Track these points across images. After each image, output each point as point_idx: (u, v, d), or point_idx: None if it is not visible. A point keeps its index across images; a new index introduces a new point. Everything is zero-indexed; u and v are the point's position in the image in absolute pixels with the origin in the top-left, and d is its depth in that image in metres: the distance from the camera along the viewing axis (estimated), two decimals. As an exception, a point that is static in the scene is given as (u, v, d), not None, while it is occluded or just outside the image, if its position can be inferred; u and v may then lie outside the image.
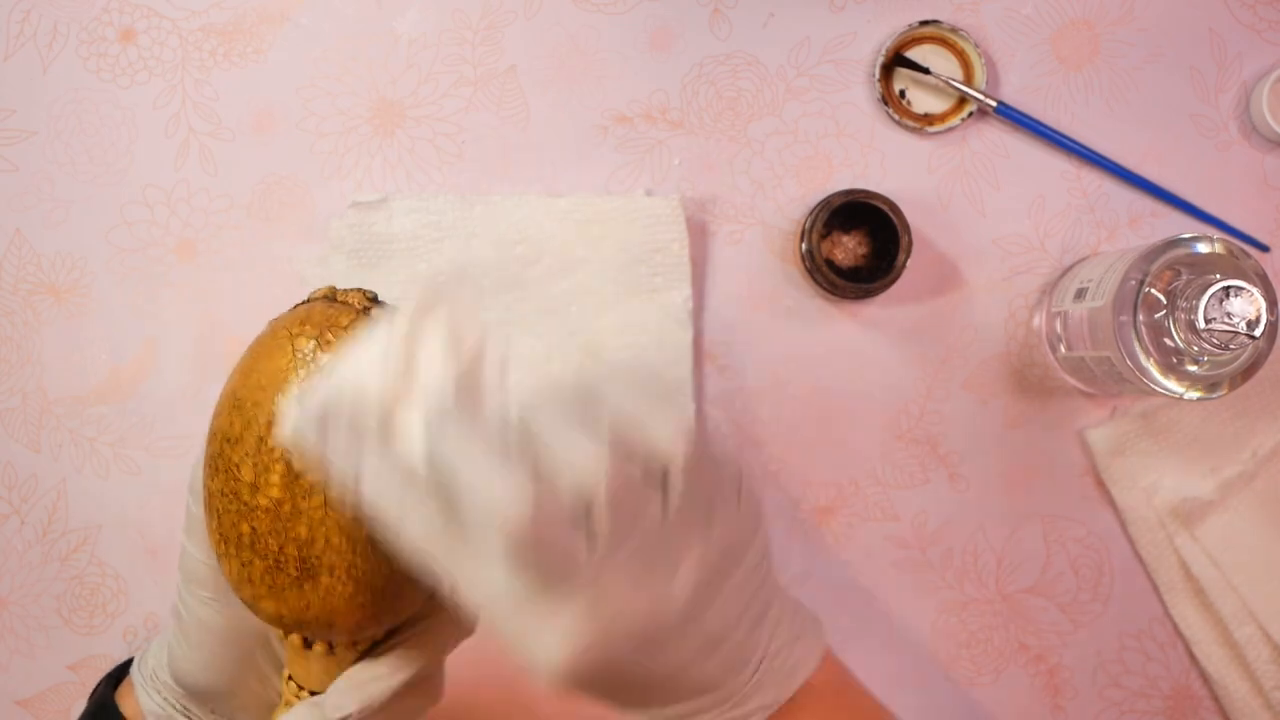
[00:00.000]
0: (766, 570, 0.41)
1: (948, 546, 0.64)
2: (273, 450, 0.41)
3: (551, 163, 0.64)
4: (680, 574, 0.37)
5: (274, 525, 0.41)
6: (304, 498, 0.41)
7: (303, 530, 0.41)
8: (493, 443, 0.34)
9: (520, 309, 0.63)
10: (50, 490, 0.63)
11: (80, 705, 0.62)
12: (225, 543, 0.42)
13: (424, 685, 0.45)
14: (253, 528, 0.41)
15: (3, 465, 0.63)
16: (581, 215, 0.63)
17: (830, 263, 0.62)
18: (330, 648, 0.44)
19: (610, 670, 0.37)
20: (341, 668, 0.44)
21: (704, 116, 0.64)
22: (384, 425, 0.35)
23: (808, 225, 0.62)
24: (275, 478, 0.41)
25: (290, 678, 0.45)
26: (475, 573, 0.34)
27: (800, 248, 0.62)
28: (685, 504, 0.36)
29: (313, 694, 0.45)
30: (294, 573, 0.41)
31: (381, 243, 0.63)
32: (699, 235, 0.64)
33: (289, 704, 0.45)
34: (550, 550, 0.34)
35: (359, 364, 0.36)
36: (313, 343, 0.42)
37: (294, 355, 0.42)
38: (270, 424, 0.41)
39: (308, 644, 0.44)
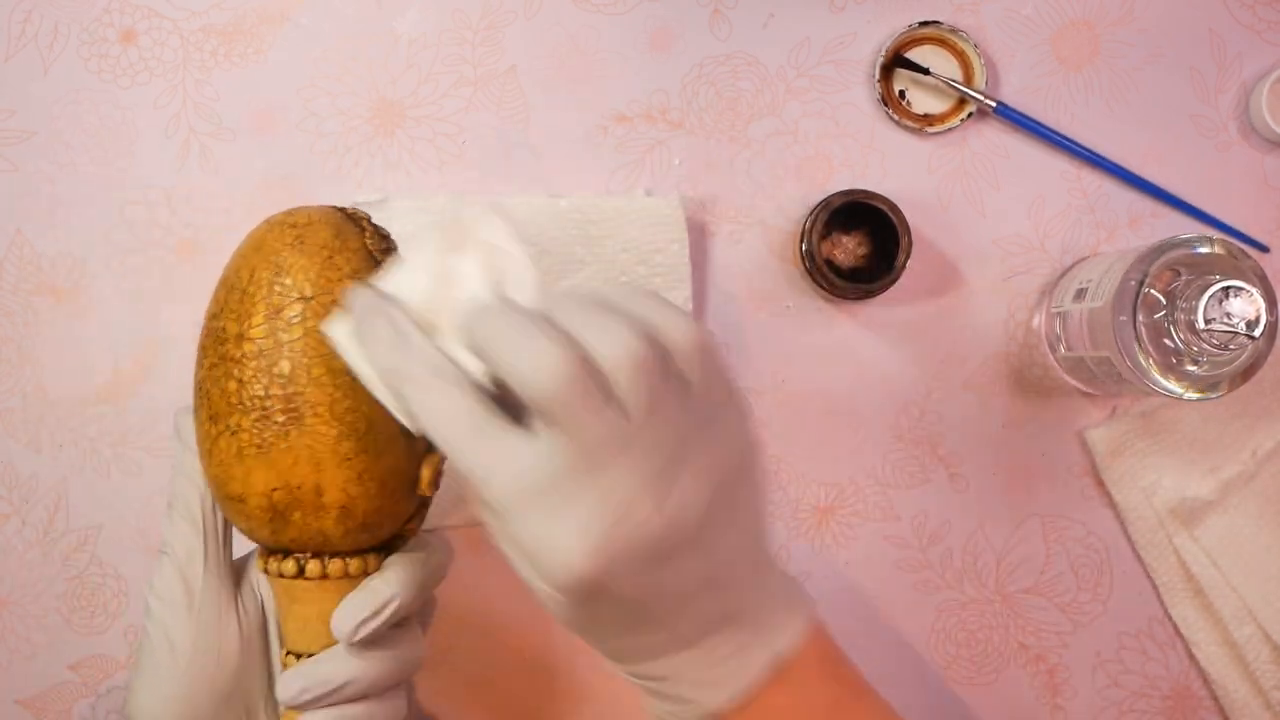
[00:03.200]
0: (764, 512, 0.41)
1: (948, 546, 0.64)
2: (253, 296, 0.43)
3: (551, 163, 0.64)
4: (683, 481, 0.36)
5: (258, 368, 0.42)
6: (284, 331, 0.42)
7: (285, 365, 0.42)
8: (527, 325, 0.35)
9: (520, 309, 0.63)
10: (50, 490, 0.63)
11: (80, 705, 0.62)
12: (214, 421, 0.43)
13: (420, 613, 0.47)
14: (239, 381, 0.43)
15: (3, 465, 0.63)
16: (581, 215, 0.63)
17: (830, 263, 0.62)
18: (323, 566, 0.44)
19: (618, 581, 0.35)
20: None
21: (704, 116, 0.64)
22: (424, 323, 0.38)
23: (808, 225, 0.62)
24: (258, 319, 0.43)
25: (289, 652, 0.45)
26: (498, 455, 0.35)
27: (800, 248, 0.62)
28: (697, 403, 0.37)
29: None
30: (280, 419, 0.42)
31: (381, 243, 0.63)
32: (699, 235, 0.64)
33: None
34: (582, 416, 0.34)
35: (401, 277, 0.40)
36: (296, 231, 0.45)
37: (278, 231, 0.45)
38: (252, 279, 0.44)
39: (300, 570, 0.44)
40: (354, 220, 0.47)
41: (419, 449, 0.45)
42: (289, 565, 0.45)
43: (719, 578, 0.38)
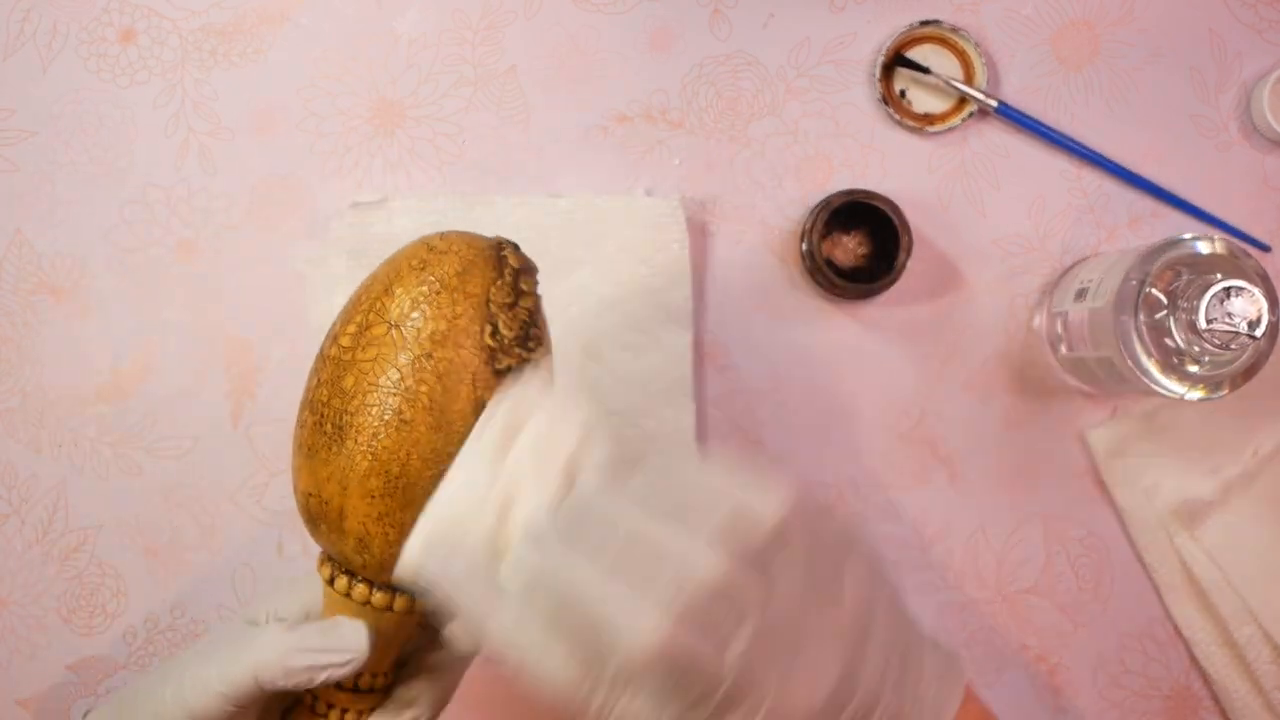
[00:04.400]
0: (902, 617, 0.39)
1: (948, 546, 0.64)
2: (358, 303, 0.43)
3: (551, 163, 0.64)
4: (825, 650, 0.35)
5: (332, 374, 0.42)
6: (362, 348, 0.41)
7: (349, 381, 0.41)
8: (608, 562, 0.34)
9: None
10: (50, 490, 0.63)
11: (81, 705, 0.62)
12: (301, 408, 0.43)
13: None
14: (318, 379, 0.42)
15: (3, 465, 0.63)
16: (581, 215, 0.63)
17: (830, 263, 0.62)
18: (349, 585, 0.43)
19: None
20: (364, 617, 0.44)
21: (704, 116, 0.64)
22: (490, 564, 0.37)
23: (808, 225, 0.62)
24: (351, 327, 0.42)
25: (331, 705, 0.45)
26: (628, 700, 0.34)
27: (800, 248, 0.62)
28: (810, 574, 0.35)
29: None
30: (329, 429, 0.41)
31: (381, 243, 0.63)
32: (699, 235, 0.64)
33: None
34: (694, 659, 0.33)
35: (455, 499, 0.38)
36: (426, 253, 0.43)
37: (414, 248, 0.44)
38: (368, 286, 0.43)
39: (331, 579, 0.44)
40: (497, 263, 0.44)
41: None
42: (324, 570, 0.44)
43: (872, 707, 0.37)
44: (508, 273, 0.43)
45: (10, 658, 0.63)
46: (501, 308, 0.42)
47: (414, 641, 0.47)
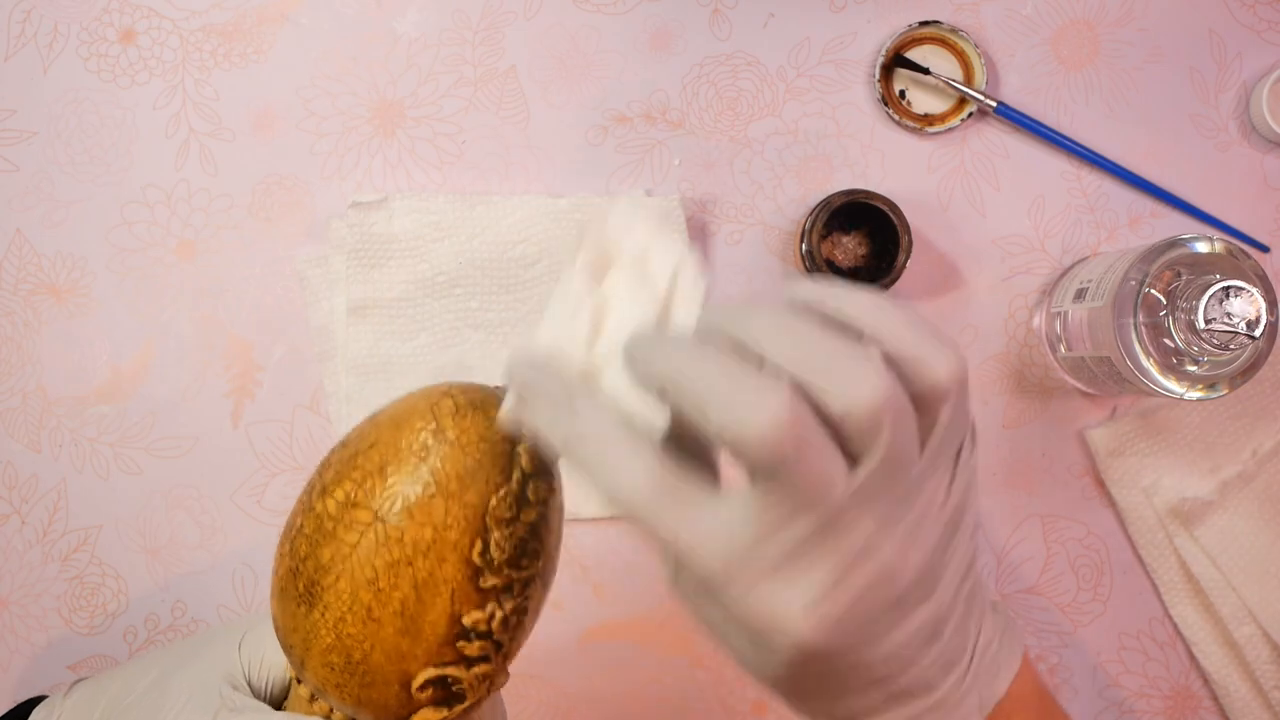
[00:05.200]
0: (977, 542, 0.36)
1: (948, 546, 0.64)
2: (353, 466, 0.39)
3: (551, 162, 0.64)
4: (924, 530, 0.32)
5: (314, 532, 0.40)
6: (345, 527, 0.39)
7: (326, 554, 0.39)
8: (730, 368, 0.30)
9: (520, 309, 0.63)
10: (50, 490, 0.63)
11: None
12: (285, 533, 0.42)
13: None
14: (300, 524, 0.40)
15: (3, 465, 0.63)
16: (581, 215, 0.63)
17: (830, 263, 0.62)
18: (313, 698, 0.43)
19: (851, 645, 0.32)
20: None
21: (704, 116, 0.64)
22: (589, 374, 0.34)
23: (808, 225, 0.62)
24: (340, 493, 0.39)
25: None
26: (706, 524, 0.31)
27: (800, 248, 0.62)
28: (941, 448, 0.32)
29: None
30: (299, 589, 0.40)
31: (381, 243, 0.63)
32: (699, 235, 0.64)
33: None
34: (808, 472, 0.29)
35: (553, 325, 0.36)
36: (433, 433, 0.40)
37: (422, 419, 0.40)
38: (368, 448, 0.40)
39: (312, 697, 0.44)
40: (506, 466, 0.40)
41: (416, 701, 0.40)
42: (303, 690, 0.44)
43: (941, 629, 0.34)
44: (515, 479, 0.39)
45: (10, 658, 0.63)
46: (498, 523, 0.39)
47: None
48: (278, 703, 0.47)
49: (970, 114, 0.63)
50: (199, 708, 0.44)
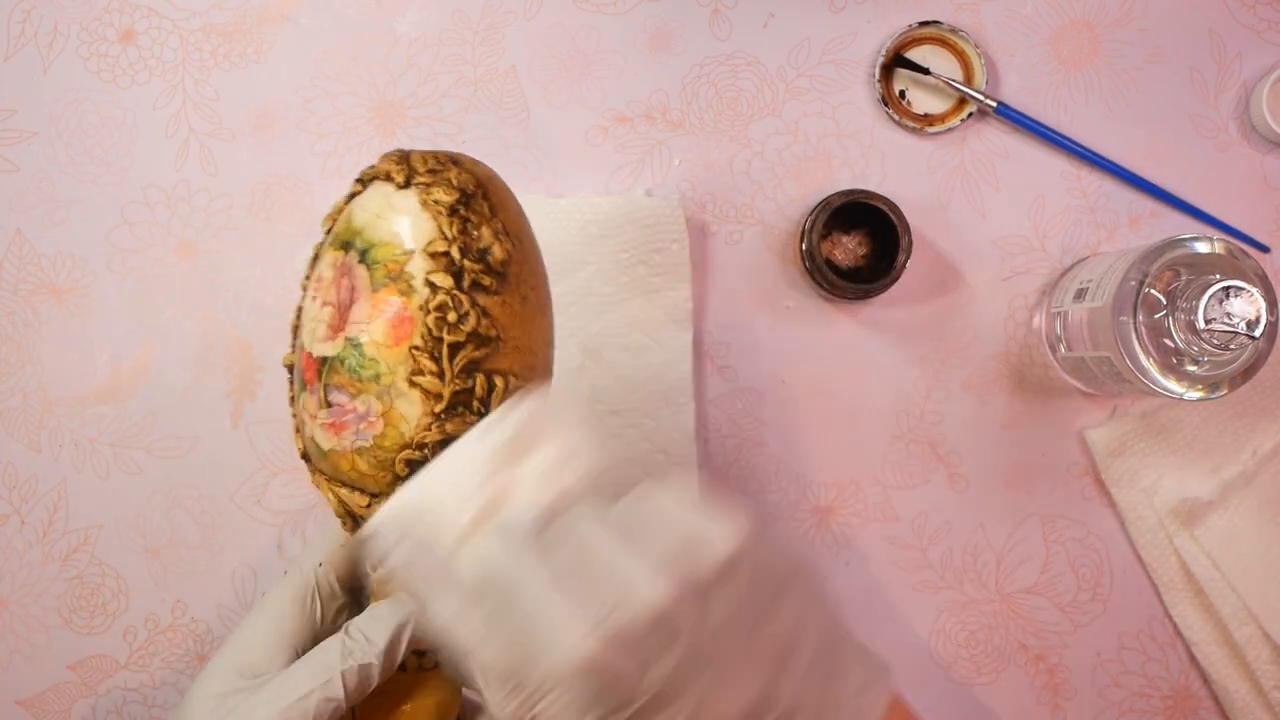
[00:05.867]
0: (834, 637, 0.41)
1: (948, 546, 0.64)
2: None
3: (551, 163, 0.64)
4: (748, 670, 0.37)
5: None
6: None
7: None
8: (557, 572, 0.35)
9: (520, 309, 0.63)
10: (50, 490, 0.63)
11: (81, 705, 0.62)
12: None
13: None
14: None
15: (3, 465, 0.63)
16: (581, 215, 0.63)
17: (830, 263, 0.62)
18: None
19: None
20: None
21: (704, 116, 0.64)
22: (456, 549, 0.38)
23: (808, 225, 0.62)
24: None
25: None
26: (547, 704, 0.35)
27: (800, 248, 0.62)
28: (748, 600, 0.37)
29: None
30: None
31: (381, 243, 0.63)
32: (699, 235, 0.64)
33: None
34: (615, 677, 0.35)
35: (440, 484, 0.39)
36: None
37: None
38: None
39: None
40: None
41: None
42: None
43: (796, 713, 0.39)
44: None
45: (10, 658, 0.63)
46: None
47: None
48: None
49: (970, 114, 0.63)
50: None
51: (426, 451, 0.42)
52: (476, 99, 0.64)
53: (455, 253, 0.42)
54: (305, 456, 0.47)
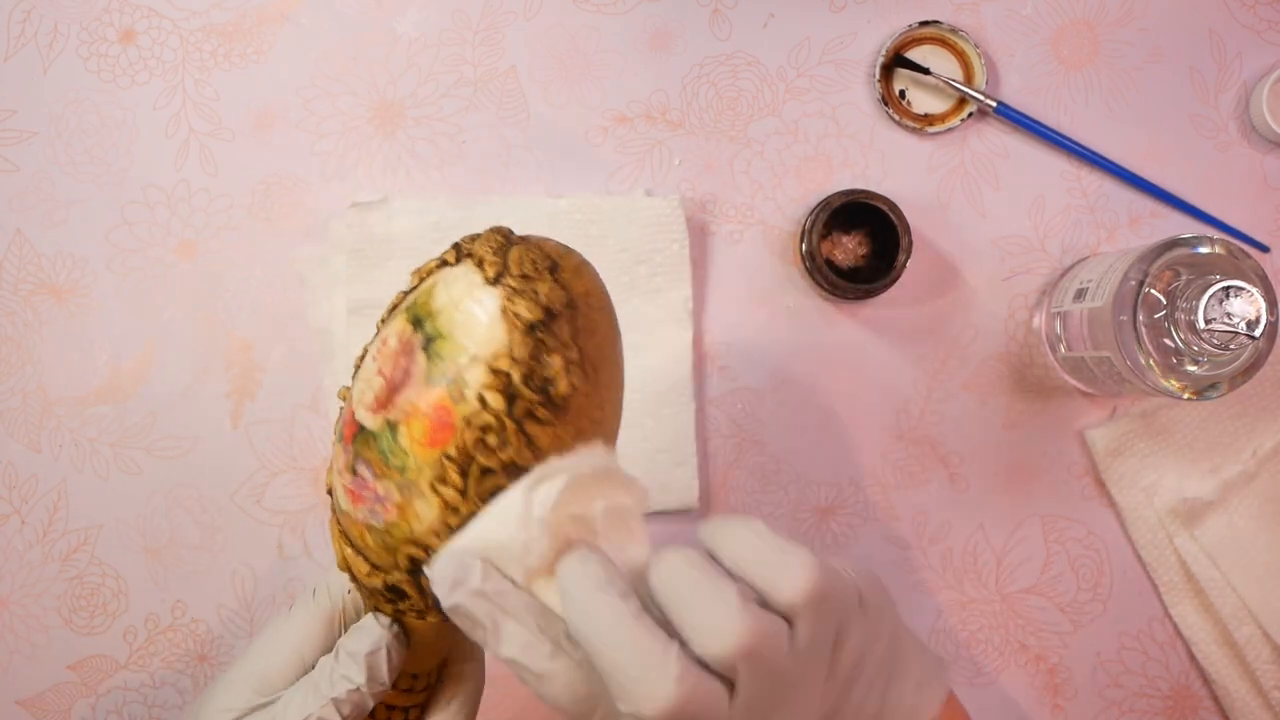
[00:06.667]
0: (897, 633, 0.41)
1: (948, 546, 0.64)
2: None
3: (551, 163, 0.64)
4: (814, 697, 0.37)
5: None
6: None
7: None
8: (638, 609, 0.35)
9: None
10: (50, 490, 0.63)
11: (81, 705, 0.62)
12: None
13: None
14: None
15: (3, 465, 0.63)
16: (581, 215, 0.63)
17: (830, 263, 0.62)
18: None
19: None
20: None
21: (704, 116, 0.64)
22: (530, 581, 0.37)
23: (808, 225, 0.62)
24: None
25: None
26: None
27: (800, 248, 0.62)
28: (809, 653, 0.37)
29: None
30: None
31: (381, 243, 0.63)
32: (699, 235, 0.64)
33: None
34: (697, 718, 0.35)
35: (501, 531, 0.38)
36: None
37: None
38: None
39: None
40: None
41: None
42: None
43: (860, 714, 0.39)
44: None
45: (10, 658, 0.63)
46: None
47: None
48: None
49: (970, 114, 0.63)
50: None
51: (431, 554, 0.41)
52: (476, 99, 0.64)
53: (516, 376, 0.40)
54: (330, 492, 0.46)
